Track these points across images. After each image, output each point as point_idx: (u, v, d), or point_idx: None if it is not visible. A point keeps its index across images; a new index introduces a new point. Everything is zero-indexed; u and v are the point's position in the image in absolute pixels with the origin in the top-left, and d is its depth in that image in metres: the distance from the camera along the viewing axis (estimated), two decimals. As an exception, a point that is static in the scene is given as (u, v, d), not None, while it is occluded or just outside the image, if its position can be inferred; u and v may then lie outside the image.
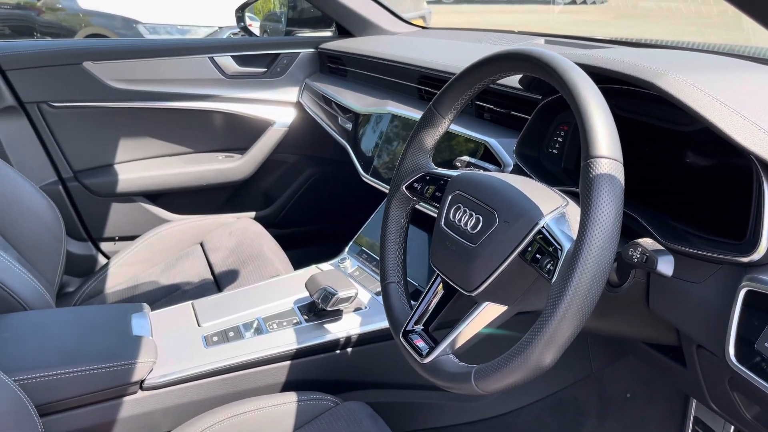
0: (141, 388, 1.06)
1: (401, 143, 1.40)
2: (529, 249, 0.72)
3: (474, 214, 0.79)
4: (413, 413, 1.25)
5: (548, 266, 0.69)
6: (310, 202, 2.11)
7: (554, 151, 1.04)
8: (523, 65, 0.78)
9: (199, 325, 1.19)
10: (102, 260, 1.93)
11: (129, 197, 1.92)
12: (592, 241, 0.62)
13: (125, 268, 1.67)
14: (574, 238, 0.70)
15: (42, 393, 0.97)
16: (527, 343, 0.66)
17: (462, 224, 0.80)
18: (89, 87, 1.77)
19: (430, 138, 0.93)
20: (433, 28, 2.00)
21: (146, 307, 1.22)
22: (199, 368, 1.08)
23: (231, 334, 1.16)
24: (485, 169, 1.02)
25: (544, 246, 0.71)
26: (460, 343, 0.79)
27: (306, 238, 2.13)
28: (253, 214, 2.05)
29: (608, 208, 0.62)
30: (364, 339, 1.17)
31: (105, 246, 1.94)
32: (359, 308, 1.21)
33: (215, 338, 1.15)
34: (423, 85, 1.45)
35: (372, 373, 1.21)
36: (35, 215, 1.53)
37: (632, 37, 1.51)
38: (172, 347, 1.12)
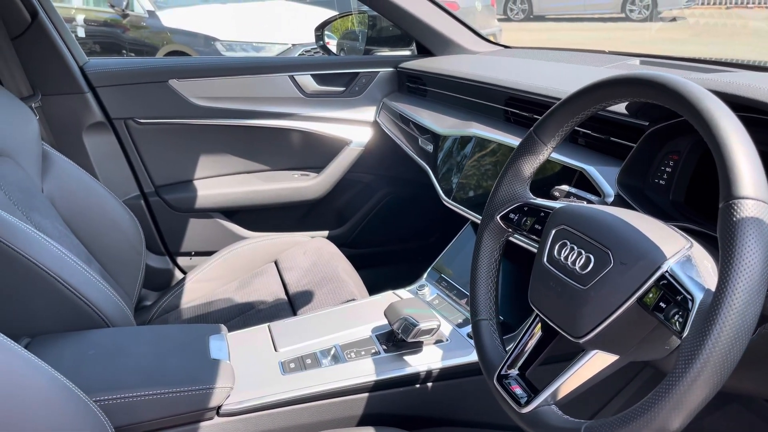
0: (218, 414, 1.03)
1: (486, 166, 1.34)
2: (650, 296, 0.65)
3: (583, 252, 0.72)
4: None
5: (676, 318, 0.61)
6: (384, 222, 2.07)
7: (661, 182, 0.96)
8: (642, 91, 0.71)
9: (276, 350, 1.16)
10: (179, 275, 1.96)
11: (206, 213, 1.94)
12: (735, 295, 0.54)
13: (201, 284, 1.68)
14: (707, 287, 0.62)
15: (121, 415, 0.96)
16: (652, 403, 0.58)
17: (569, 263, 0.73)
18: (173, 104, 1.81)
19: (529, 166, 0.87)
20: (516, 47, 1.94)
21: (224, 328, 1.21)
22: (276, 396, 1.05)
23: (308, 361, 1.12)
24: (588, 201, 0.94)
25: (669, 294, 0.63)
26: (563, 393, 0.72)
27: (378, 259, 2.09)
28: (326, 232, 2.03)
29: (755, 257, 0.54)
30: (446, 374, 1.12)
31: (182, 261, 1.96)
32: (440, 341, 1.16)
33: (292, 365, 1.12)
34: (510, 106, 1.39)
35: (453, 410, 1.15)
36: (118, 229, 1.56)
37: (732, 57, 1.41)
38: (249, 372, 1.10)
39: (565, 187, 0.98)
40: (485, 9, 6.82)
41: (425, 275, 1.40)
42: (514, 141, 1.26)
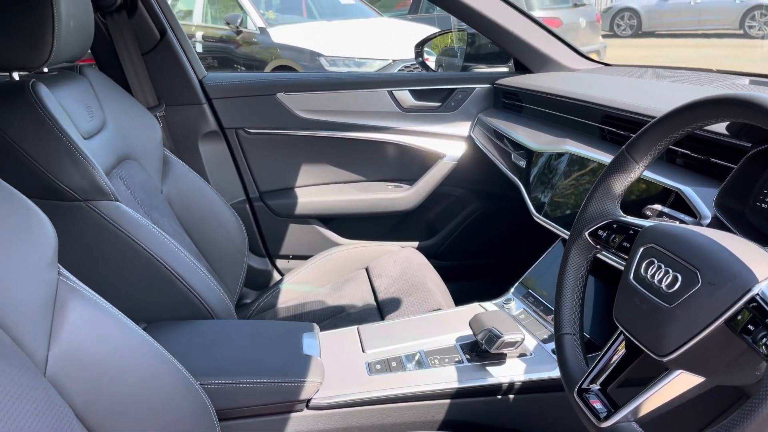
0: (307, 406, 1.10)
1: (579, 184, 1.34)
2: (739, 318, 0.64)
3: (671, 271, 0.72)
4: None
5: (764, 341, 0.60)
6: (474, 236, 2.09)
7: (764, 205, 0.92)
8: (740, 112, 0.70)
9: (363, 351, 1.22)
10: (276, 276, 2.07)
11: (305, 219, 2.04)
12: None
13: (297, 285, 1.77)
14: (799, 311, 0.61)
15: (221, 399, 1.05)
16: (731, 426, 0.58)
17: (655, 281, 0.73)
18: (280, 116, 1.93)
19: (620, 184, 0.88)
20: (617, 65, 1.91)
21: (316, 327, 1.28)
22: (362, 394, 1.10)
23: (393, 364, 1.17)
24: (681, 221, 0.93)
25: (759, 317, 0.62)
26: (644, 411, 0.72)
27: (467, 271, 2.11)
28: (416, 243, 2.08)
29: None
30: (528, 387, 1.12)
31: (280, 263, 2.08)
32: (524, 354, 1.17)
33: (378, 366, 1.17)
34: (606, 124, 1.38)
35: (533, 424, 1.15)
36: (225, 230, 1.69)
37: None
38: (337, 370, 1.16)
39: (657, 207, 0.97)
40: (589, 25, 6.66)
41: (512, 289, 1.41)
42: (608, 159, 1.25)
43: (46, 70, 1.28)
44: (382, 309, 1.56)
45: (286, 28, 6.12)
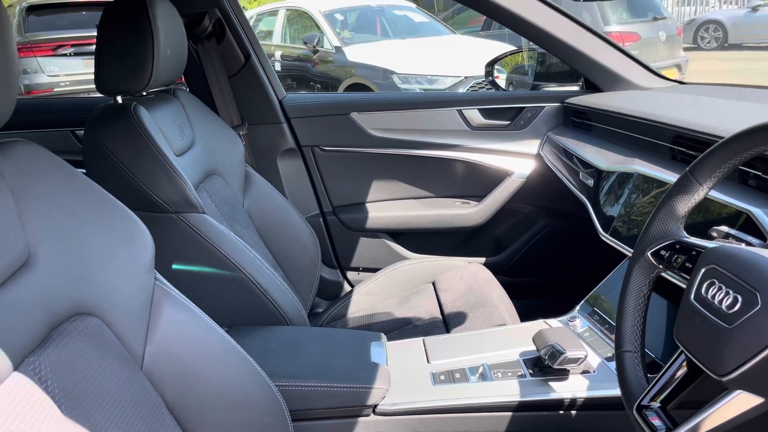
0: (374, 412, 1.16)
1: (647, 204, 1.34)
2: (798, 340, 0.65)
3: (731, 292, 0.73)
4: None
5: (823, 363, 0.61)
6: (541, 253, 2.10)
7: (837, 229, 0.91)
8: None
9: (428, 362, 1.27)
10: (347, 287, 2.16)
11: (375, 233, 2.12)
12: None
13: (366, 297, 1.84)
14: None
15: (295, 400, 1.13)
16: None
17: (716, 301, 0.75)
18: (353, 134, 2.02)
19: (683, 205, 0.89)
20: (692, 84, 1.88)
21: (383, 337, 1.34)
22: (426, 403, 1.15)
23: (457, 375, 1.21)
24: (747, 243, 0.93)
25: (818, 339, 0.63)
26: (702, 430, 0.73)
27: (533, 289, 2.12)
28: (483, 259, 2.11)
29: None
30: (591, 404, 1.14)
31: (350, 275, 2.16)
32: (587, 371, 1.18)
33: (442, 377, 1.21)
34: (677, 145, 1.38)
35: (595, 441, 1.16)
36: (299, 242, 1.78)
37: None
38: (403, 379, 1.21)
39: (723, 228, 0.97)
40: (670, 39, 6.46)
41: (578, 307, 1.42)
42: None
43: (144, 93, 1.41)
44: (448, 322, 1.60)
45: (361, 46, 6.28)
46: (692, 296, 0.79)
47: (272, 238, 1.70)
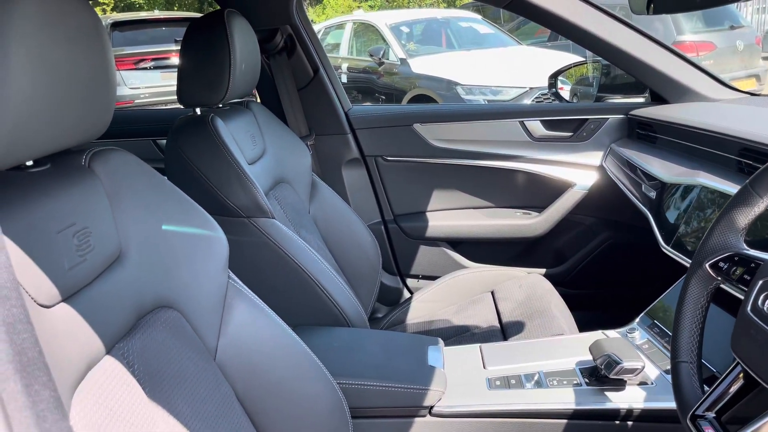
0: (430, 413, 1.20)
1: (710, 217, 1.32)
2: None
3: (787, 304, 0.74)
4: None
5: None
6: (602, 265, 2.08)
7: None
8: None
9: (484, 367, 1.29)
10: (406, 294, 2.20)
11: (434, 242, 2.16)
12: None
13: (425, 303, 1.88)
14: None
15: (354, 398, 1.18)
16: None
17: (771, 313, 0.75)
18: (416, 145, 2.07)
19: (743, 218, 0.89)
20: (764, 95, 1.83)
21: (441, 341, 1.38)
22: (481, 407, 1.18)
23: (513, 381, 1.23)
24: (810, 257, 0.91)
25: None
26: (756, 440, 0.74)
27: (593, 301, 2.10)
28: (543, 270, 2.11)
29: None
30: (648, 416, 1.13)
31: (410, 282, 2.20)
32: (645, 383, 1.18)
33: (498, 382, 1.23)
34: (744, 157, 1.35)
35: (651, 453, 1.16)
36: (361, 249, 1.84)
37: None
38: (459, 383, 1.24)
39: (786, 242, 0.96)
40: (748, 48, 6.20)
41: (637, 319, 1.41)
42: (744, 192, 1.23)
43: (221, 105, 1.51)
44: (506, 331, 1.62)
45: (426, 58, 6.34)
46: (749, 308, 0.80)
47: (336, 244, 1.77)
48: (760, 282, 0.80)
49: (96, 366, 0.75)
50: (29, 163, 0.75)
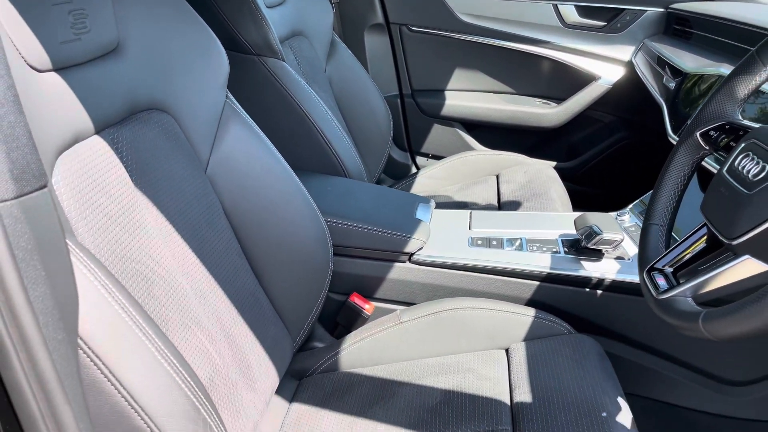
0: (410, 260, 1.25)
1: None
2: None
3: (761, 162, 0.73)
4: (649, 378, 1.20)
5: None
6: (614, 165, 2.06)
7: None
8: None
9: (470, 228, 1.33)
10: (413, 170, 2.22)
11: (449, 122, 2.14)
12: None
13: (430, 180, 1.90)
14: None
15: (338, 235, 1.23)
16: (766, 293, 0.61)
17: (743, 170, 0.75)
18: (444, 17, 2.01)
19: (744, 87, 0.86)
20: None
21: (433, 202, 1.41)
22: (458, 260, 1.22)
23: (494, 242, 1.26)
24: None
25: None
26: (703, 290, 0.76)
27: (598, 199, 2.10)
28: (554, 163, 2.09)
29: None
30: (618, 287, 1.16)
31: (419, 160, 2.22)
32: (621, 258, 1.20)
33: (479, 242, 1.27)
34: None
35: (615, 322, 1.20)
36: (374, 118, 1.84)
37: None
38: (442, 237, 1.28)
39: (784, 119, 0.94)
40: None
41: (630, 205, 1.41)
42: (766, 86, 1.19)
43: None
44: (502, 208, 1.64)
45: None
46: (725, 169, 0.79)
47: (348, 109, 1.77)
48: (743, 144, 0.79)
49: (84, 141, 0.79)
50: None
